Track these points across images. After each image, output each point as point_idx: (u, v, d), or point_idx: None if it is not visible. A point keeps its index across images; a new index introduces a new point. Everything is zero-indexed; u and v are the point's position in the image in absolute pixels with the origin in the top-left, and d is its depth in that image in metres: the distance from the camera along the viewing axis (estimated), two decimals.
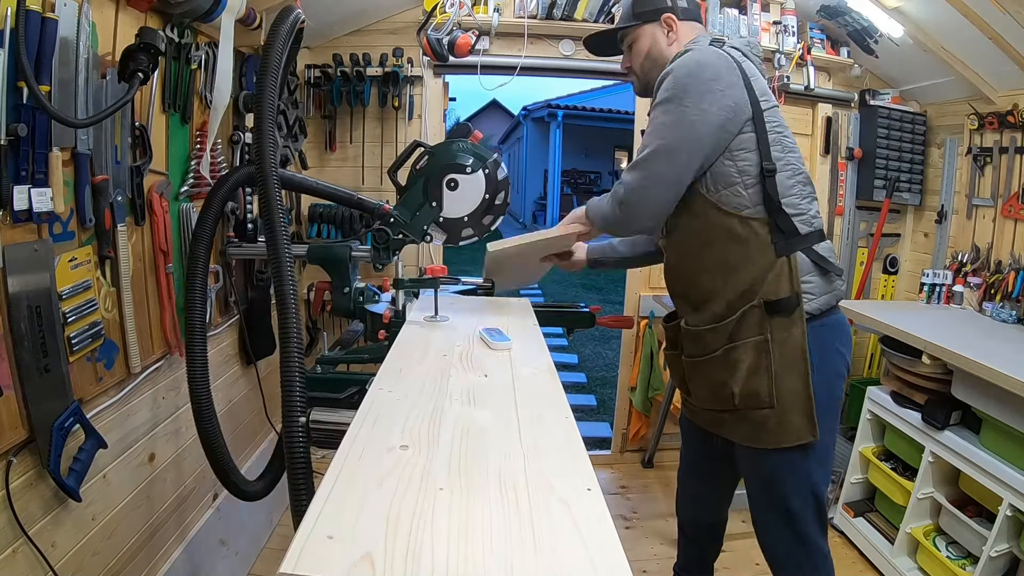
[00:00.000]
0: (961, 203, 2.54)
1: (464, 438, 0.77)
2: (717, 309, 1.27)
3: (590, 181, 14.98)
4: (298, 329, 1.06)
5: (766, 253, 1.21)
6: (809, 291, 1.23)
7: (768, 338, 1.22)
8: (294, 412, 1.02)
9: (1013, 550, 1.69)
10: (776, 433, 1.24)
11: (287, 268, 1.09)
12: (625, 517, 2.41)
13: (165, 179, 1.49)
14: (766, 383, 1.23)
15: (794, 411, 1.23)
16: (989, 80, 2.29)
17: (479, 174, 1.37)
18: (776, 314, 1.22)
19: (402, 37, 2.48)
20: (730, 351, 1.26)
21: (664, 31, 1.33)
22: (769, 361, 1.22)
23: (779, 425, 1.23)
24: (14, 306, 1.02)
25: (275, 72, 1.18)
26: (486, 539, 0.57)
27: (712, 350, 1.29)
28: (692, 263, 1.31)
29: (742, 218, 1.21)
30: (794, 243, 1.22)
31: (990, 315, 2.22)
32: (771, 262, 1.22)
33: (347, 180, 2.52)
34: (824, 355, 1.25)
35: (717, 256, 1.25)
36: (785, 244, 1.21)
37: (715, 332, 1.27)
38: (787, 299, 1.21)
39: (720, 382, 1.28)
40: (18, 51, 0.95)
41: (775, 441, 1.25)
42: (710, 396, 1.33)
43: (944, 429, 1.88)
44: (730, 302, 1.25)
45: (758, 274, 1.22)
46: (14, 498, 1.03)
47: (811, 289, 1.24)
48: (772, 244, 1.21)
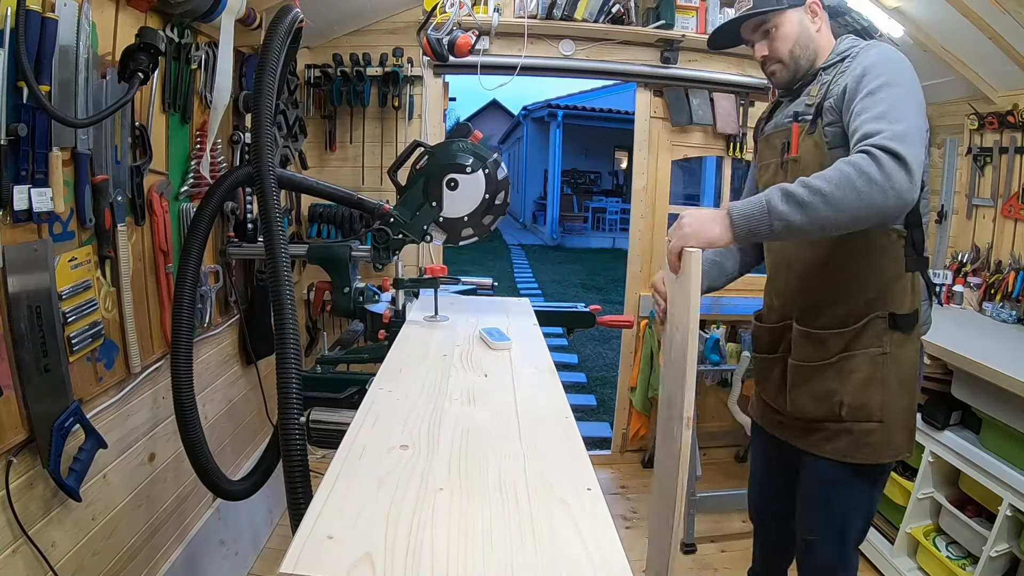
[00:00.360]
0: (961, 203, 2.54)
1: (464, 438, 0.77)
2: (840, 314, 1.22)
3: (590, 181, 14.99)
4: (295, 330, 1.06)
5: (898, 265, 1.19)
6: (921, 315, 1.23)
7: (887, 352, 1.20)
8: (291, 413, 1.02)
9: (1013, 550, 1.69)
10: (877, 448, 1.22)
11: (284, 269, 1.09)
12: (625, 517, 2.41)
13: (165, 179, 1.49)
14: (879, 397, 1.20)
15: (899, 427, 1.22)
16: (989, 80, 2.29)
17: (479, 174, 1.36)
18: (897, 329, 1.20)
19: (402, 37, 2.48)
20: (847, 360, 1.22)
21: (810, 16, 1.25)
22: (884, 375, 1.20)
23: (883, 440, 1.21)
24: (14, 306, 1.02)
25: (273, 71, 1.17)
26: (486, 539, 0.57)
27: (828, 356, 1.24)
28: (820, 262, 1.24)
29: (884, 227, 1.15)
30: (921, 262, 1.21)
31: (990, 315, 2.22)
32: (899, 275, 1.19)
33: (347, 180, 2.52)
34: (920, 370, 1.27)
35: (850, 261, 1.20)
36: (915, 260, 1.20)
37: (836, 337, 1.23)
38: (909, 315, 1.20)
39: (829, 391, 1.23)
40: (18, 51, 0.95)
41: (874, 456, 1.22)
42: (813, 405, 1.26)
43: (944, 429, 1.88)
44: (853, 308, 1.21)
45: (886, 285, 1.19)
46: (14, 498, 1.03)
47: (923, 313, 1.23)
48: (905, 257, 1.18)
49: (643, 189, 2.73)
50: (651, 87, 2.66)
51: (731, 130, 2.67)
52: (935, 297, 1.30)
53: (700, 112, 2.64)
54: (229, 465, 1.93)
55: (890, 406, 1.20)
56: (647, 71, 2.59)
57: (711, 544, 2.25)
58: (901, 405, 1.21)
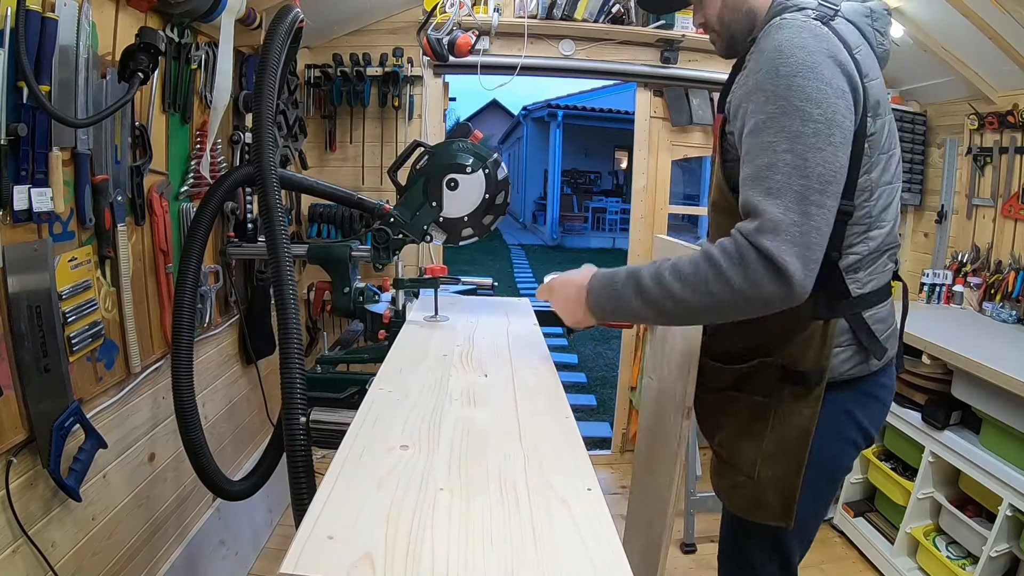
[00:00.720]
0: (961, 203, 2.54)
1: (464, 438, 0.77)
2: (731, 348, 1.06)
3: (590, 181, 14.99)
4: (298, 329, 1.06)
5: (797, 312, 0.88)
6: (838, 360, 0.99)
7: (772, 406, 1.01)
8: (295, 412, 1.02)
9: (1013, 550, 1.69)
10: (747, 504, 1.06)
11: (287, 268, 1.09)
12: (625, 517, 2.41)
13: (165, 179, 1.49)
14: (751, 452, 1.03)
15: (773, 491, 1.02)
16: (989, 80, 2.29)
17: (479, 174, 1.36)
18: (791, 383, 1.00)
19: (402, 37, 2.48)
20: (733, 401, 1.08)
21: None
22: (764, 431, 1.02)
23: (752, 498, 1.05)
24: (14, 306, 1.02)
25: (273, 71, 1.17)
26: (486, 539, 0.57)
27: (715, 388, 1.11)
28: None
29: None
30: (841, 307, 0.96)
31: (990, 315, 2.22)
32: (796, 325, 0.97)
33: (347, 180, 2.52)
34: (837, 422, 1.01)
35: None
36: (829, 307, 0.95)
37: (723, 372, 1.08)
38: (808, 374, 0.98)
39: (718, 423, 1.12)
40: (18, 51, 0.95)
41: (743, 509, 1.07)
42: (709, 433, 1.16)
43: (944, 429, 1.88)
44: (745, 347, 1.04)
45: (779, 333, 0.98)
46: (14, 498, 1.03)
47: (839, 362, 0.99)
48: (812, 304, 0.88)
49: (643, 189, 2.73)
50: (651, 87, 2.66)
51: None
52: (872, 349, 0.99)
53: (700, 112, 2.64)
54: (229, 465, 1.93)
55: (764, 468, 1.02)
56: (647, 71, 2.59)
57: (711, 544, 2.25)
58: (780, 471, 1.01)
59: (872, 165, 0.94)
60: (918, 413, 1.98)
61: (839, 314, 0.97)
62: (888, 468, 2.14)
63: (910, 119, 2.72)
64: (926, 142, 2.75)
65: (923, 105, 2.76)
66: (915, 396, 2.03)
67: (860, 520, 2.25)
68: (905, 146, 2.72)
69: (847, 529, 2.29)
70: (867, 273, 0.97)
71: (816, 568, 2.15)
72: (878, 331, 1.00)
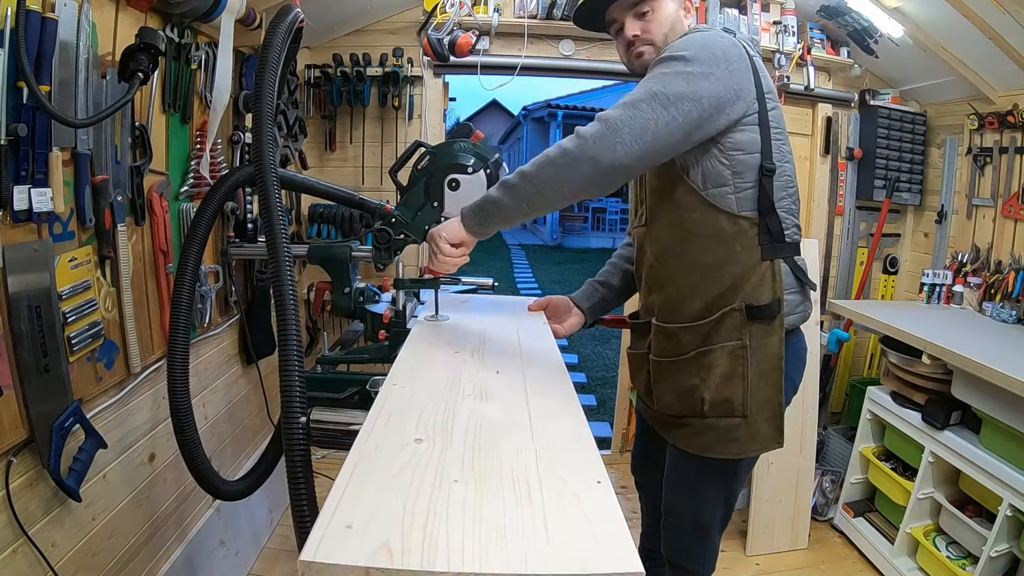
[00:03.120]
0: (961, 203, 2.54)
1: (477, 433, 0.78)
2: (695, 308, 1.20)
3: None
4: (297, 330, 1.06)
5: (752, 254, 1.15)
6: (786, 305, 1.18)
7: (746, 344, 1.17)
8: (294, 412, 1.02)
9: (1013, 550, 1.69)
10: (744, 443, 1.20)
11: (287, 269, 1.09)
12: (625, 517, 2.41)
13: (165, 179, 1.49)
14: (741, 391, 1.18)
15: (764, 420, 1.19)
16: (989, 80, 2.29)
17: (480, 174, 1.36)
18: (756, 320, 1.17)
19: (402, 37, 2.48)
20: (704, 354, 1.20)
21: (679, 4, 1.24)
22: (745, 368, 1.17)
23: (749, 434, 1.19)
24: (14, 306, 1.02)
25: (273, 71, 1.17)
26: (500, 531, 0.58)
27: (684, 352, 1.22)
28: (672, 256, 1.22)
29: (731, 215, 1.14)
30: (780, 248, 1.17)
31: (990, 315, 2.22)
32: (755, 264, 1.16)
33: (347, 180, 2.52)
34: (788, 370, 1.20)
35: (700, 251, 1.17)
36: (772, 248, 1.16)
37: (691, 332, 1.21)
38: (769, 305, 1.16)
39: (690, 387, 1.22)
40: (18, 51, 0.95)
41: (740, 451, 1.21)
42: (676, 401, 1.25)
43: (944, 429, 1.88)
44: (709, 302, 1.18)
45: (741, 275, 1.16)
46: (14, 498, 1.03)
47: (788, 303, 1.19)
48: (759, 246, 1.15)
49: None
50: None
51: None
52: (808, 283, 1.24)
53: None
54: (229, 465, 1.93)
55: (754, 400, 1.18)
56: None
57: None
58: (765, 397, 1.18)
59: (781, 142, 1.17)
60: (918, 413, 1.98)
61: (779, 255, 1.17)
62: (888, 468, 2.14)
63: (910, 119, 2.72)
64: (926, 142, 2.75)
65: (923, 105, 2.76)
66: (915, 396, 2.03)
67: (860, 520, 2.25)
68: (905, 146, 2.73)
69: (847, 529, 2.29)
70: (790, 227, 1.19)
71: (816, 568, 2.15)
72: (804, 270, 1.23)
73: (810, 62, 2.58)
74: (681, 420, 1.26)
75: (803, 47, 2.57)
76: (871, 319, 2.21)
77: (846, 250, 2.87)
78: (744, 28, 2.56)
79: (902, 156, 2.72)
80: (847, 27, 2.53)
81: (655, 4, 1.20)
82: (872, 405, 2.24)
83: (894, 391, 2.13)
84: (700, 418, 1.22)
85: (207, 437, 1.51)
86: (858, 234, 2.87)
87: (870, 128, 2.71)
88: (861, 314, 2.30)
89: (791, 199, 1.20)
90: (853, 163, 2.80)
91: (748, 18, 2.57)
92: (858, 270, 2.88)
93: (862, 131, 2.76)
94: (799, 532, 2.24)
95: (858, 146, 2.77)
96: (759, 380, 1.18)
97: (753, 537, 2.19)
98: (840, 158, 2.78)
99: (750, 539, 2.19)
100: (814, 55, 2.59)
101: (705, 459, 1.24)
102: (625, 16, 1.22)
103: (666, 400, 1.28)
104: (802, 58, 2.57)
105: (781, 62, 2.55)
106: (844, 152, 2.78)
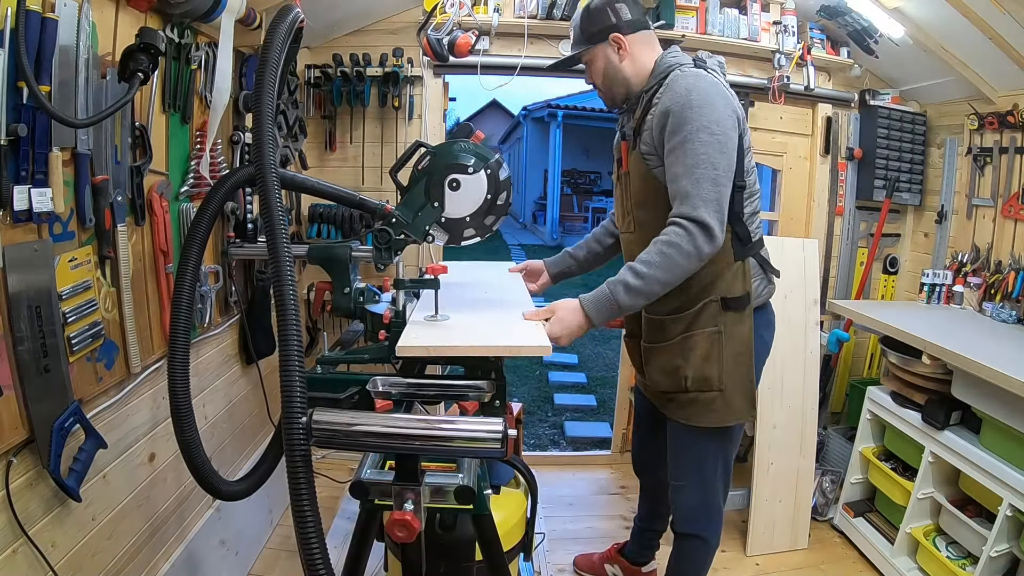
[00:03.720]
0: (961, 203, 2.54)
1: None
2: (678, 301, 1.42)
3: (590, 181, 14.98)
4: (298, 330, 1.06)
5: (726, 256, 1.39)
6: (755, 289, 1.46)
7: (721, 330, 1.42)
8: (294, 412, 1.01)
9: (1013, 550, 1.69)
10: (722, 413, 1.44)
11: (287, 268, 1.09)
12: (625, 517, 2.40)
13: (165, 179, 1.49)
14: (717, 369, 1.42)
15: (738, 394, 1.44)
16: (989, 80, 2.29)
17: (481, 174, 1.36)
18: (730, 310, 1.42)
19: (402, 37, 2.48)
20: (687, 339, 1.43)
21: (615, 49, 1.44)
22: (720, 350, 1.41)
23: (725, 406, 1.44)
24: (14, 306, 1.02)
25: (274, 70, 1.17)
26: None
27: (670, 337, 1.45)
28: None
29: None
30: (748, 248, 1.43)
31: (990, 315, 2.22)
32: (729, 264, 1.41)
33: (347, 180, 2.52)
34: (755, 344, 1.47)
35: None
36: (742, 250, 1.42)
37: (675, 321, 1.45)
38: (740, 297, 1.42)
39: (675, 367, 1.46)
40: (18, 51, 0.95)
41: (719, 420, 1.45)
42: (664, 379, 1.49)
43: (944, 429, 1.88)
44: (690, 296, 1.42)
45: (717, 274, 1.40)
46: (14, 498, 1.03)
47: (756, 287, 1.46)
48: (732, 249, 1.40)
49: None
50: None
51: None
52: (772, 272, 1.51)
53: None
54: (230, 465, 1.93)
55: (728, 377, 1.43)
56: None
57: None
58: (739, 375, 1.44)
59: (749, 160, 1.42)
60: (918, 413, 1.98)
61: (748, 254, 1.44)
62: (888, 468, 2.14)
63: (910, 119, 2.72)
64: (926, 142, 2.75)
65: (923, 105, 2.76)
66: (915, 396, 2.03)
67: (860, 520, 2.25)
68: (905, 146, 2.73)
69: (847, 529, 2.29)
70: (755, 228, 1.46)
71: (816, 568, 2.15)
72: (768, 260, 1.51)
73: (810, 62, 2.58)
74: (669, 395, 1.50)
75: (803, 47, 2.57)
76: (871, 319, 2.21)
77: (846, 250, 2.87)
78: (744, 29, 2.57)
79: (902, 156, 2.72)
80: (847, 27, 2.53)
81: (588, 57, 1.49)
82: (872, 405, 2.24)
83: (894, 391, 2.13)
84: (684, 393, 1.46)
85: (207, 437, 1.51)
86: (858, 234, 2.87)
87: (870, 128, 2.71)
88: (861, 314, 2.30)
89: (755, 204, 1.46)
90: (853, 163, 2.80)
91: (748, 18, 2.57)
92: (858, 270, 2.88)
93: (862, 131, 2.76)
94: (799, 532, 2.24)
95: (858, 146, 2.77)
96: (733, 360, 1.43)
97: (753, 537, 2.19)
98: (840, 158, 2.78)
99: (750, 539, 2.19)
100: (814, 55, 2.59)
101: (695, 429, 1.48)
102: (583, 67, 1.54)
103: (655, 379, 1.52)
104: (802, 58, 2.57)
105: (781, 62, 2.55)
106: (844, 152, 2.78)
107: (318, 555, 0.91)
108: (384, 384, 1.18)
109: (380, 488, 1.11)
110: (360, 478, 1.13)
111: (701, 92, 1.30)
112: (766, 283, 1.51)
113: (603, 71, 1.48)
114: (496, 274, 1.81)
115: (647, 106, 1.41)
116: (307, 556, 0.91)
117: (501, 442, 0.96)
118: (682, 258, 1.27)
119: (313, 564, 0.91)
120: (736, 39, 2.56)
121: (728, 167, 1.30)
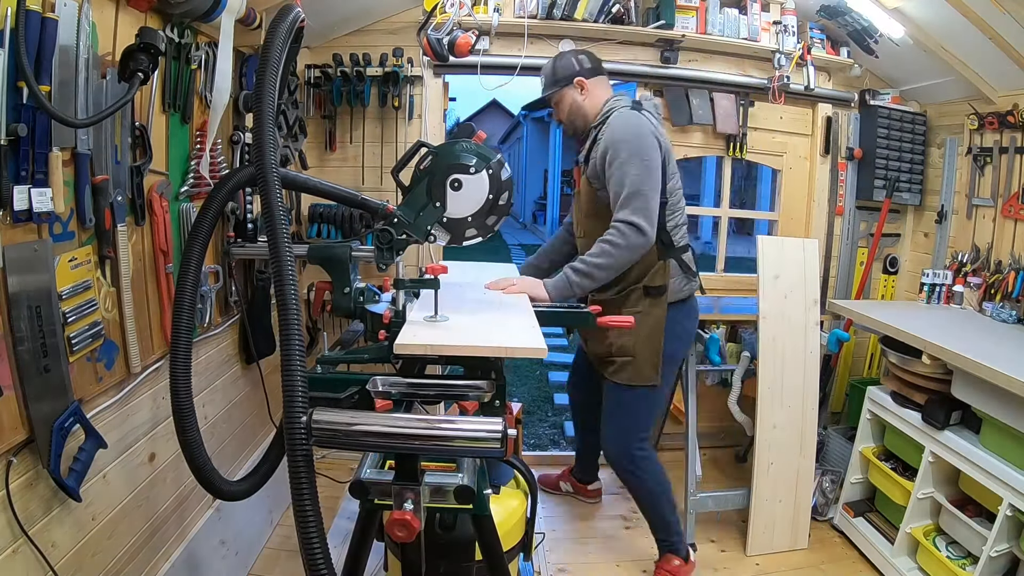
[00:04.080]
0: (961, 203, 2.55)
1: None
2: (616, 288, 1.84)
3: None
4: (299, 329, 1.06)
5: (652, 256, 1.80)
6: (674, 285, 1.87)
7: (642, 311, 1.83)
8: (295, 412, 1.01)
9: (1013, 550, 1.69)
10: (632, 374, 1.87)
11: (288, 268, 1.09)
12: (625, 517, 2.40)
13: (165, 179, 1.49)
14: (632, 341, 1.84)
15: (646, 362, 1.86)
16: (989, 80, 2.30)
17: (483, 174, 1.36)
18: (650, 296, 1.84)
19: (402, 37, 2.48)
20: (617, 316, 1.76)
21: (578, 90, 1.87)
22: (638, 327, 1.75)
23: (636, 370, 1.86)
24: (14, 306, 1.02)
25: (274, 70, 1.17)
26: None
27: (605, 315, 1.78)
28: None
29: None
30: (671, 252, 1.85)
31: (990, 315, 2.22)
32: (654, 262, 1.82)
33: (347, 180, 2.52)
34: (675, 328, 1.89)
35: None
36: (665, 252, 1.83)
37: (611, 303, 1.82)
38: (659, 287, 1.84)
39: (605, 337, 1.87)
40: (18, 51, 0.95)
41: (633, 380, 1.87)
42: (597, 347, 1.93)
43: (944, 429, 1.88)
44: (623, 285, 1.83)
45: (644, 269, 1.81)
46: (14, 498, 1.03)
47: (675, 283, 1.88)
48: (657, 251, 1.80)
49: None
50: (651, 87, 2.66)
51: (731, 130, 2.67)
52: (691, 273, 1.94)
53: (700, 112, 2.64)
54: (230, 465, 1.93)
55: (640, 348, 1.85)
56: (647, 71, 2.59)
57: (711, 544, 2.25)
58: (650, 348, 1.85)
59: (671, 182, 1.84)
60: (918, 413, 1.98)
61: (669, 256, 1.85)
62: (888, 468, 2.14)
63: (910, 119, 2.72)
64: (926, 142, 2.75)
65: (923, 105, 2.76)
66: (915, 396, 2.03)
67: (860, 520, 2.25)
68: (905, 146, 2.73)
69: (847, 529, 2.29)
70: (678, 236, 1.88)
71: (816, 568, 2.15)
72: (691, 264, 1.94)
73: (810, 62, 2.58)
74: (600, 357, 1.95)
75: (803, 47, 2.57)
76: (871, 319, 2.21)
77: (846, 250, 2.87)
78: (744, 29, 2.57)
79: (902, 156, 2.73)
80: (847, 27, 2.53)
81: (557, 97, 1.91)
82: (872, 405, 2.24)
83: (894, 391, 2.13)
84: (610, 357, 1.89)
85: (207, 437, 1.50)
86: (858, 234, 2.88)
87: (870, 128, 2.71)
88: (861, 314, 2.30)
89: (679, 216, 1.87)
90: (853, 163, 2.80)
91: (748, 18, 2.57)
92: (858, 270, 2.88)
93: (862, 131, 2.76)
94: (799, 532, 2.24)
95: (858, 146, 2.77)
96: (647, 336, 1.85)
97: (753, 537, 2.19)
98: (840, 158, 2.78)
99: (750, 539, 2.19)
100: (814, 55, 2.59)
101: (619, 385, 1.90)
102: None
103: (592, 346, 1.99)
104: (802, 58, 2.57)
105: (781, 62, 2.55)
106: (844, 152, 2.78)
107: (320, 554, 0.91)
108: (384, 384, 1.17)
109: (380, 488, 1.11)
110: (360, 478, 1.13)
111: (632, 128, 1.73)
112: (687, 281, 1.92)
113: (568, 108, 1.89)
114: (496, 274, 1.83)
115: (594, 140, 1.82)
116: (309, 555, 0.91)
117: (501, 442, 0.96)
118: (617, 250, 1.69)
119: (315, 563, 0.91)
120: (736, 39, 2.57)
121: (654, 185, 1.70)
